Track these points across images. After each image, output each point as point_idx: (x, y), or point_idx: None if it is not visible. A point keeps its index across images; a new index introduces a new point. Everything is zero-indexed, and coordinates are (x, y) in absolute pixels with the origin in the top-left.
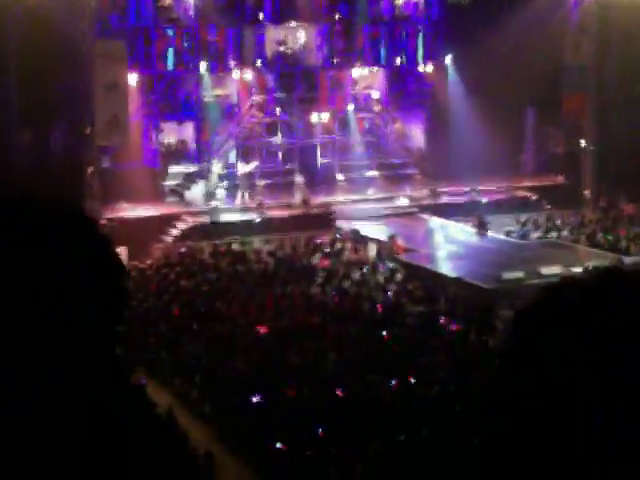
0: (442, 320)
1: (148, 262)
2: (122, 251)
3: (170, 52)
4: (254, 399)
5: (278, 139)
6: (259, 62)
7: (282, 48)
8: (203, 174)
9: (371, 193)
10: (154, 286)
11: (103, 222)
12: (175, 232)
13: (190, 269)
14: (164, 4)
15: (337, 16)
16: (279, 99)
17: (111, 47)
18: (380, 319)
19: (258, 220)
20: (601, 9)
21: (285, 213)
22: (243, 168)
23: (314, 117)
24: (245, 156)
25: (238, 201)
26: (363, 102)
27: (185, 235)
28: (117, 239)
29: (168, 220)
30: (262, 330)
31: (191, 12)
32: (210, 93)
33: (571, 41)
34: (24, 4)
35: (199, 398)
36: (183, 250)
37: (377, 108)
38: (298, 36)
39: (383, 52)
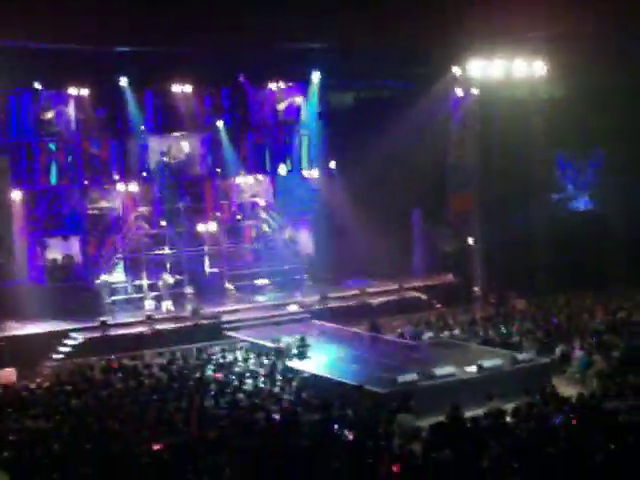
0: (337, 428)
1: (38, 381)
2: (10, 371)
3: (53, 166)
4: None
5: (166, 250)
6: (143, 173)
7: (166, 158)
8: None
9: (261, 300)
10: (45, 406)
11: None
12: (64, 349)
13: (81, 387)
14: (45, 118)
15: (220, 125)
16: (165, 210)
17: None
18: (276, 430)
19: (148, 333)
20: (482, 106)
21: (176, 325)
22: (167, 279)
23: (201, 227)
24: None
25: (164, 310)
26: (250, 210)
27: (75, 352)
28: (6, 359)
29: (57, 337)
30: (156, 447)
31: (73, 125)
32: (95, 206)
33: (454, 140)
34: None
35: None
36: (73, 367)
37: (264, 215)
38: (182, 146)
39: (267, 159)
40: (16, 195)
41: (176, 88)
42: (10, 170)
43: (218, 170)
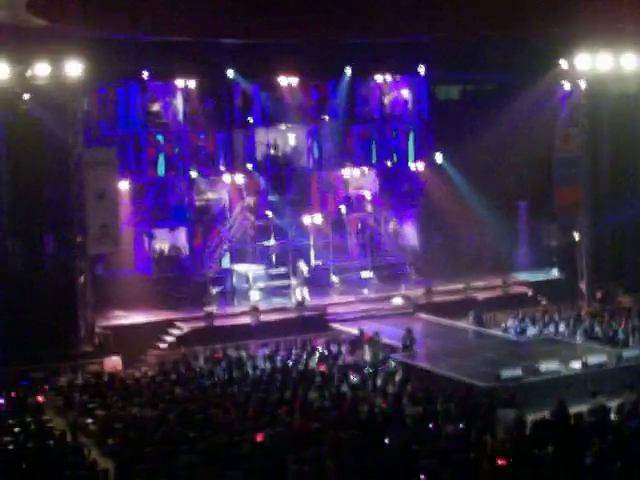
0: (440, 422)
1: (143, 369)
2: (116, 360)
3: (160, 158)
4: None
5: (271, 242)
6: (250, 165)
7: (272, 151)
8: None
9: (366, 293)
10: (149, 394)
11: (97, 331)
12: (170, 338)
13: (185, 376)
14: (153, 110)
15: (326, 117)
16: (271, 202)
17: (101, 154)
18: (380, 423)
19: (253, 324)
20: (591, 100)
21: (280, 316)
22: (302, 267)
23: (306, 219)
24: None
25: (299, 298)
26: (355, 202)
27: (180, 341)
28: (113, 347)
29: (162, 327)
30: (259, 437)
31: (180, 117)
32: (202, 197)
33: (562, 133)
34: (15, 110)
35: None
36: (178, 357)
37: (370, 208)
38: (288, 138)
39: (374, 152)
40: (123, 186)
41: (283, 80)
42: (118, 161)
43: (324, 163)
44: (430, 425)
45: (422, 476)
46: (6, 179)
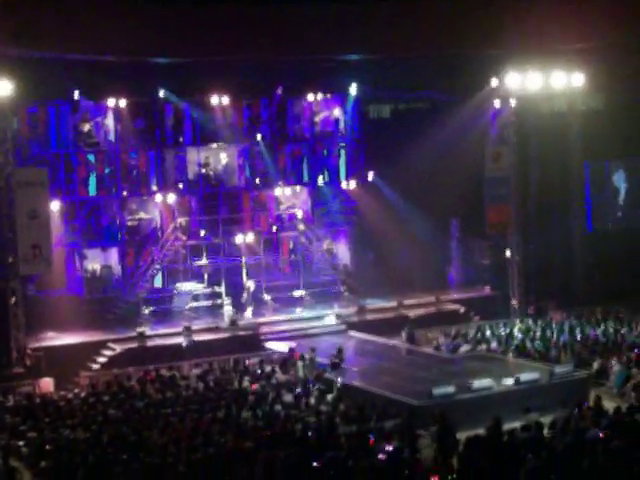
0: (373, 439)
1: (75, 391)
2: (48, 381)
3: (92, 177)
4: None
5: (204, 261)
6: (181, 185)
7: (204, 170)
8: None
9: (299, 312)
10: (82, 416)
11: (28, 352)
12: (102, 359)
13: (118, 397)
14: (84, 129)
15: (258, 136)
16: (203, 221)
17: (32, 174)
18: (313, 442)
19: (187, 344)
20: (520, 119)
21: (213, 336)
22: (250, 285)
23: (239, 238)
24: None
25: (249, 315)
26: (287, 221)
27: (112, 362)
28: (44, 369)
29: (94, 347)
30: (194, 458)
31: (111, 137)
32: (134, 217)
33: (492, 152)
34: None
35: None
36: (110, 378)
37: (302, 227)
38: (220, 157)
39: (305, 171)
40: (55, 206)
41: (214, 99)
42: (49, 181)
43: (256, 181)
44: (363, 443)
45: None
46: None
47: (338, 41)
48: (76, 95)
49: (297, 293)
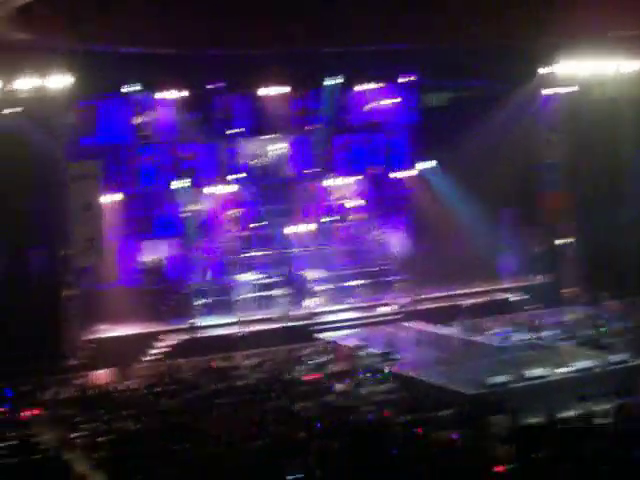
0: (428, 429)
1: (129, 383)
2: (102, 373)
3: (145, 170)
4: None
5: (257, 252)
6: (235, 176)
7: (256, 161)
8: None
9: (353, 302)
10: (135, 407)
11: (83, 344)
12: (155, 351)
13: (171, 388)
14: (137, 122)
15: (310, 127)
16: (256, 212)
17: (86, 167)
18: (367, 432)
19: (240, 335)
20: (571, 106)
21: (267, 326)
22: (303, 275)
23: (292, 228)
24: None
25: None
26: (341, 211)
27: (165, 353)
28: (99, 360)
29: (148, 339)
30: (247, 448)
31: (164, 129)
32: (187, 209)
33: (544, 139)
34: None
35: None
36: (163, 369)
37: (355, 217)
38: (272, 148)
39: (358, 161)
40: (107, 199)
41: (266, 90)
42: (102, 174)
43: (309, 172)
44: (419, 432)
45: None
46: None
47: (391, 30)
48: (130, 88)
49: (351, 283)
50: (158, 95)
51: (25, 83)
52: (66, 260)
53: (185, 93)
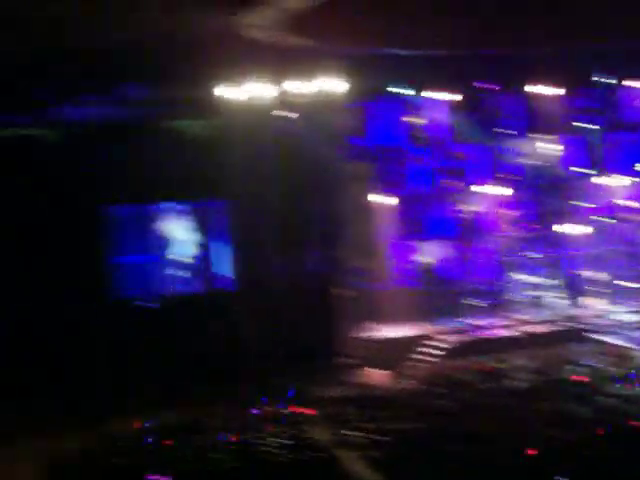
0: None
1: (405, 383)
2: (380, 373)
3: (422, 171)
4: None
5: (534, 253)
6: (511, 176)
7: (529, 161)
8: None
9: (629, 304)
10: (414, 407)
11: (360, 344)
12: (432, 351)
13: (447, 389)
14: (413, 124)
15: (586, 126)
16: (532, 212)
17: (362, 169)
18: None
19: (514, 336)
20: None
21: (542, 328)
22: (583, 275)
23: (569, 228)
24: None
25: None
26: (620, 211)
27: (442, 354)
28: (374, 360)
29: (424, 339)
30: (528, 452)
31: (440, 130)
32: (465, 210)
33: None
34: (278, 127)
35: None
36: (441, 369)
37: (630, 217)
38: (545, 148)
39: (632, 159)
40: (384, 200)
41: (541, 90)
42: (374, 175)
43: (582, 171)
44: None
45: None
46: (268, 195)
47: None
48: (405, 90)
49: (628, 285)
50: (430, 96)
51: (300, 86)
52: (340, 261)
53: (457, 94)
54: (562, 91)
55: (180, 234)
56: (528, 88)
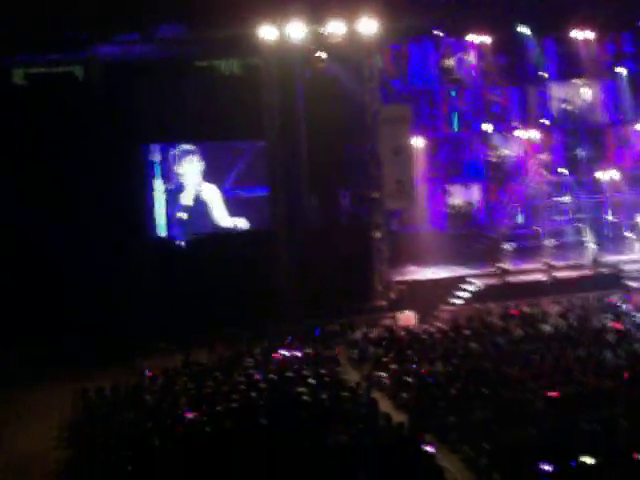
0: None
1: (436, 325)
2: (410, 315)
3: (454, 114)
4: (544, 467)
5: (566, 198)
6: (543, 121)
7: (566, 106)
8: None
9: None
10: (442, 349)
11: (392, 286)
12: (463, 294)
13: (478, 332)
14: (446, 66)
15: (622, 71)
16: (565, 157)
17: (397, 111)
18: None
19: (548, 281)
20: None
21: (574, 273)
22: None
23: (601, 174)
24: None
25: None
26: None
27: (473, 297)
28: (406, 302)
29: (455, 283)
30: (553, 395)
31: (473, 73)
32: (495, 153)
33: None
34: (312, 68)
35: (488, 465)
36: (471, 313)
37: None
38: (583, 93)
39: None
40: (418, 142)
41: (577, 34)
42: (413, 117)
43: (619, 117)
44: None
45: None
46: (305, 135)
47: None
48: (438, 32)
49: None
50: (467, 38)
51: (335, 28)
52: (376, 202)
53: (494, 36)
54: (601, 35)
55: (220, 174)
56: (567, 32)
